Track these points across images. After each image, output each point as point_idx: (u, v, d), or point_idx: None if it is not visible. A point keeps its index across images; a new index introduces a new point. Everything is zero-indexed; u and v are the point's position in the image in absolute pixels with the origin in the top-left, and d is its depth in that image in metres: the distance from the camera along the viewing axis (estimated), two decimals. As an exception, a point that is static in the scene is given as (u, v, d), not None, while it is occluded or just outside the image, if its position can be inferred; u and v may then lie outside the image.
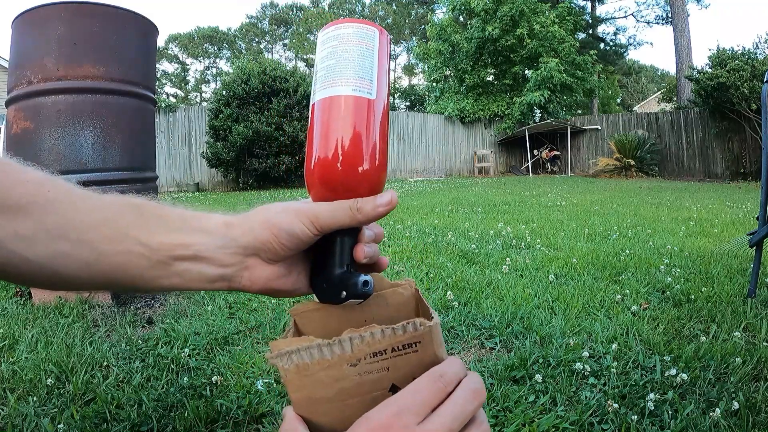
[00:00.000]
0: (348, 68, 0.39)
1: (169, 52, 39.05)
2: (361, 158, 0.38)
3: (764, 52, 11.93)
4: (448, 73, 18.12)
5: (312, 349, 0.33)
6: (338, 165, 0.38)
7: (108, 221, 0.37)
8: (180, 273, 0.39)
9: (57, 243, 0.35)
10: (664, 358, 1.30)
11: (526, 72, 16.72)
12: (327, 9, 40.01)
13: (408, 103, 35.74)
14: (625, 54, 26.79)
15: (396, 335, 0.34)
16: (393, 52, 37.50)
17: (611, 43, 25.47)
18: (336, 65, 0.40)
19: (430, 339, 0.35)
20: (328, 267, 0.40)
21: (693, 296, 1.84)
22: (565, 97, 16.48)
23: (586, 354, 1.33)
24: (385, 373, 0.34)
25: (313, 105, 0.40)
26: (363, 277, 0.39)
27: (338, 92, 0.39)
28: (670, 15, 18.12)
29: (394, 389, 0.34)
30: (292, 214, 0.38)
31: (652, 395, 1.09)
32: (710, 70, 11.76)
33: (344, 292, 0.39)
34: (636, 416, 1.03)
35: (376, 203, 0.38)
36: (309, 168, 0.39)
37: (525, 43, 16.03)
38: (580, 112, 19.43)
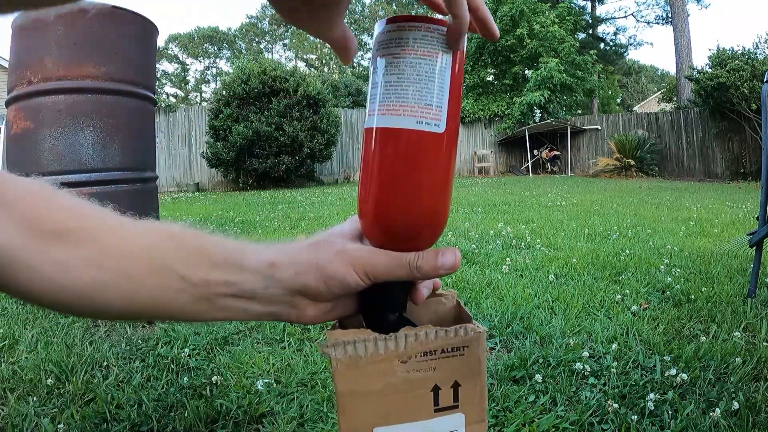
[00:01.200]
0: (412, 91, 0.33)
1: (169, 52, 39.02)
2: (423, 207, 0.35)
3: (764, 52, 11.94)
4: (448, 73, 18.11)
5: (367, 342, 0.34)
6: (396, 213, 0.35)
7: (146, 251, 0.36)
8: (224, 308, 0.37)
9: (94, 271, 0.34)
10: (664, 358, 1.30)
11: (526, 72, 16.71)
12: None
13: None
14: (625, 54, 26.82)
15: (448, 337, 0.35)
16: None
17: (611, 43, 25.49)
18: (398, 83, 0.33)
19: (476, 345, 0.36)
20: (381, 312, 0.39)
21: (693, 296, 1.84)
22: (565, 97, 16.46)
23: (586, 354, 1.33)
24: (431, 372, 0.36)
25: (371, 130, 0.35)
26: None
27: (399, 124, 0.33)
28: (670, 15, 18.13)
29: (436, 390, 0.36)
30: (346, 261, 0.36)
31: (652, 395, 1.09)
32: (710, 70, 11.77)
33: None
34: (636, 416, 1.03)
35: (437, 265, 0.36)
36: (364, 207, 0.36)
37: (525, 43, 16.03)
38: (580, 112, 19.42)
